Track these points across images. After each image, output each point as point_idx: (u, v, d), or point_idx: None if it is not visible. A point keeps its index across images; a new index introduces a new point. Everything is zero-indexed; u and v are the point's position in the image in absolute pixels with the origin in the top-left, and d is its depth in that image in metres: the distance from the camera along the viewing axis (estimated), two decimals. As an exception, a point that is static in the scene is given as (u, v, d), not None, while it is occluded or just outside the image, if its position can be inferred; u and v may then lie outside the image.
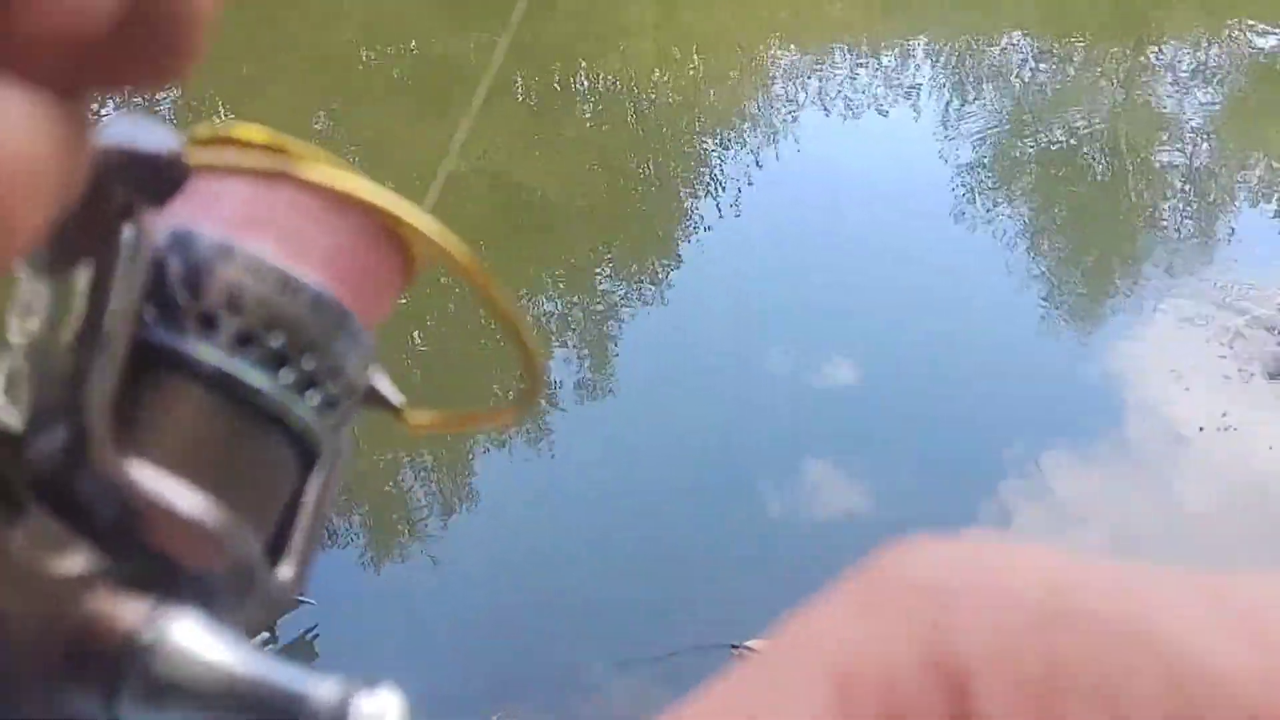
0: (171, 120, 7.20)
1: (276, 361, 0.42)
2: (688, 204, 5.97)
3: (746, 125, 6.94)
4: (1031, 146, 6.65)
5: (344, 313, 0.44)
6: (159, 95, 7.47)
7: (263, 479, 0.43)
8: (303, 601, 3.48)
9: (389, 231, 0.45)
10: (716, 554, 3.82)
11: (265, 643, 3.28)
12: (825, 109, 7.12)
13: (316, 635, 3.42)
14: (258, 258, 0.42)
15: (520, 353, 0.47)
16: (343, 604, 3.56)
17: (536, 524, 3.95)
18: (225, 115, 7.21)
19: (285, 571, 0.44)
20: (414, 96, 7.44)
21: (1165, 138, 6.66)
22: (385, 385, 0.51)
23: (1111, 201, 5.82)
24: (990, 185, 6.01)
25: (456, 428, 0.53)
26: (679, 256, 5.50)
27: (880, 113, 6.98)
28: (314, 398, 0.43)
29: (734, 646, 3.39)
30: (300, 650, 3.38)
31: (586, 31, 8.38)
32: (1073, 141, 6.68)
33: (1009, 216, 5.71)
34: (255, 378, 0.41)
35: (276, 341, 0.42)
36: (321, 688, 0.41)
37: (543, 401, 4.59)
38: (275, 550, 0.44)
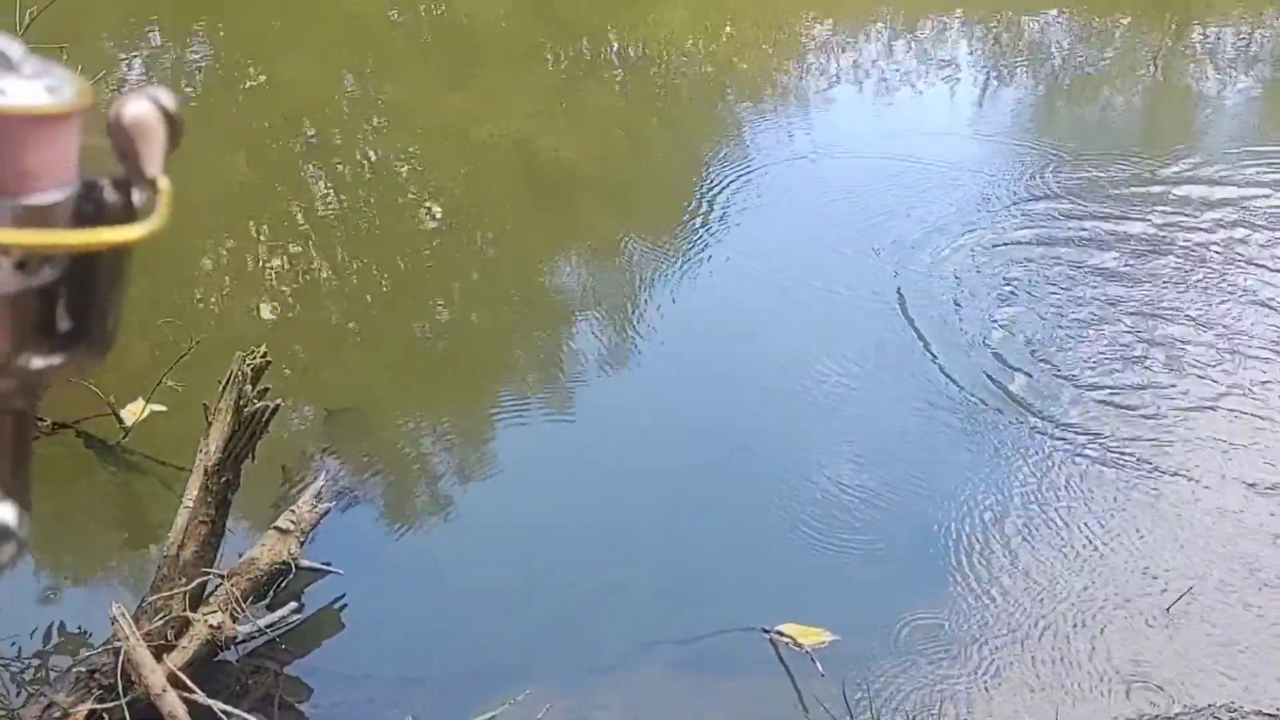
0: (198, 74, 7.13)
1: None
2: (715, 178, 5.88)
3: (778, 98, 6.84)
4: (1067, 123, 6.56)
5: None
6: (188, 49, 7.40)
7: None
8: (328, 570, 3.45)
9: None
10: (741, 535, 3.77)
11: (293, 612, 3.25)
12: (859, 83, 7.02)
13: (345, 605, 3.38)
14: None
15: None
16: (368, 578, 3.52)
17: (560, 501, 3.89)
18: (254, 71, 7.14)
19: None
20: (441, 60, 7.36)
21: (1203, 120, 6.56)
22: None
23: (1146, 181, 5.71)
24: (1023, 163, 5.90)
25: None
26: (706, 231, 5.41)
27: (914, 89, 6.88)
28: None
29: (765, 630, 3.35)
30: (329, 620, 3.35)
31: (618, -1, 8.28)
32: (1110, 121, 6.60)
33: (1042, 193, 5.60)
34: None
35: None
36: None
37: (563, 377, 4.53)
38: None
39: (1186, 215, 5.45)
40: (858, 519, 3.77)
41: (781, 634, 3.32)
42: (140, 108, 0.59)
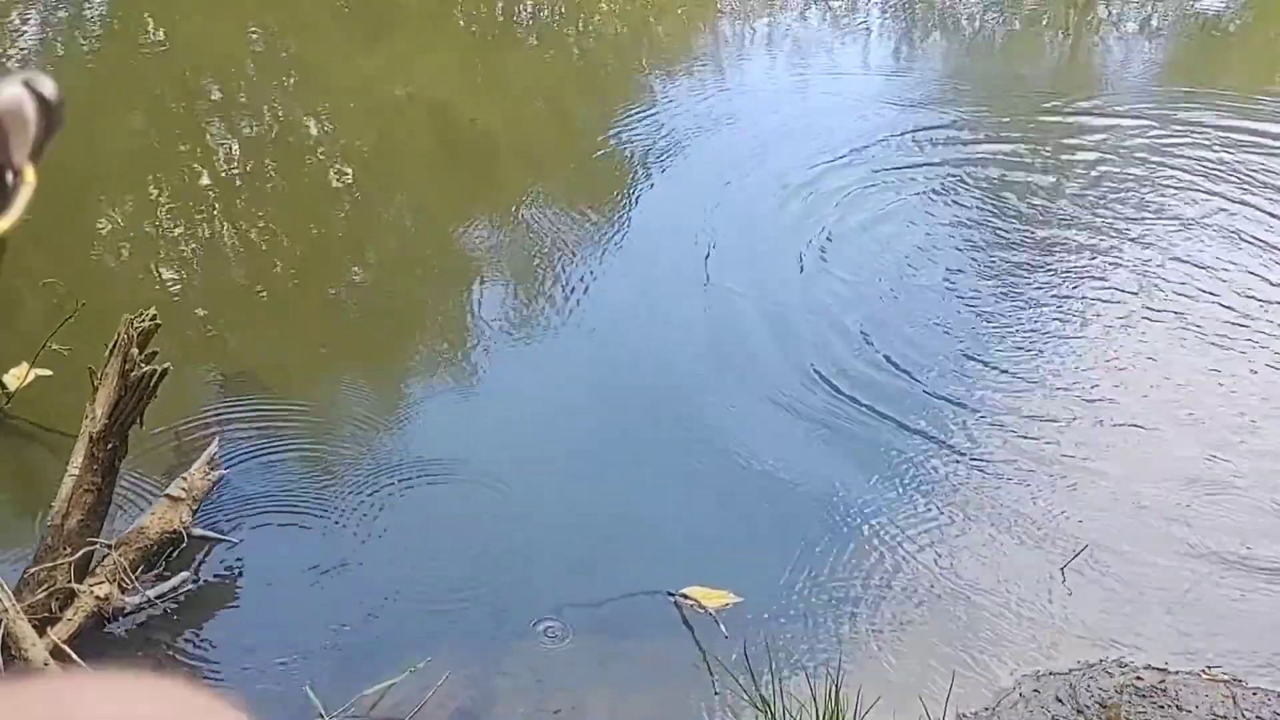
0: (96, 34, 6.89)
1: None
2: (630, 141, 5.83)
3: (695, 61, 6.80)
4: (980, 91, 6.60)
5: None
6: (85, 2, 7.14)
7: None
8: (221, 539, 3.37)
9: None
10: (646, 500, 3.75)
11: (185, 582, 3.18)
12: (773, 48, 7.00)
13: (239, 574, 3.31)
14: None
15: None
16: (265, 546, 3.44)
17: (463, 467, 3.83)
18: (154, 26, 6.92)
19: None
20: (352, 18, 7.18)
21: (1109, 88, 6.65)
22: None
23: (1055, 148, 5.77)
24: (933, 130, 5.94)
25: None
26: (619, 195, 5.37)
27: (828, 54, 6.89)
28: None
29: (669, 593, 3.34)
30: (222, 590, 3.27)
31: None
32: (1016, 90, 6.65)
33: (950, 160, 5.64)
34: None
35: None
36: None
37: (471, 345, 4.47)
38: None
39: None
40: (762, 483, 3.78)
41: (686, 597, 3.33)
42: (13, 93, 0.56)
